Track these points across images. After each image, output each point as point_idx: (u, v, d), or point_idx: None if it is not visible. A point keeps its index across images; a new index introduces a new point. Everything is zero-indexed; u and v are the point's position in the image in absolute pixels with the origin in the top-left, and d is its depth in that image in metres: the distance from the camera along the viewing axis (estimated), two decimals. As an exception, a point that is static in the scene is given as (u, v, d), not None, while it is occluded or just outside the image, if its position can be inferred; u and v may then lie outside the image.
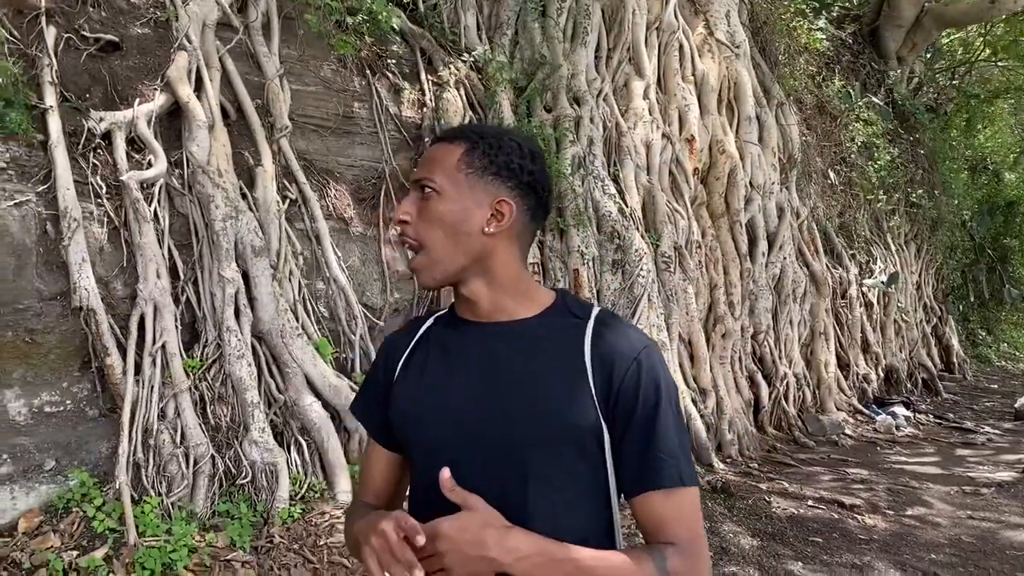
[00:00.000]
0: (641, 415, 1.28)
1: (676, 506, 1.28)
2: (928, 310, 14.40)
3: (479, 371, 1.36)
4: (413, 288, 5.97)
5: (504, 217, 1.35)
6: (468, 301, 1.40)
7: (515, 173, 1.36)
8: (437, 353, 1.43)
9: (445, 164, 1.35)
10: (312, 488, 4.62)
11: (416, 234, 1.36)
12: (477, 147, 1.36)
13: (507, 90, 6.87)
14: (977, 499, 6.76)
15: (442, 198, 1.33)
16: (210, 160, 4.65)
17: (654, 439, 1.28)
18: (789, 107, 10.00)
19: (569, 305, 1.40)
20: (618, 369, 1.29)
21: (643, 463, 1.28)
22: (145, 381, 4.20)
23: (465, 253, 1.34)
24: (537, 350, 1.34)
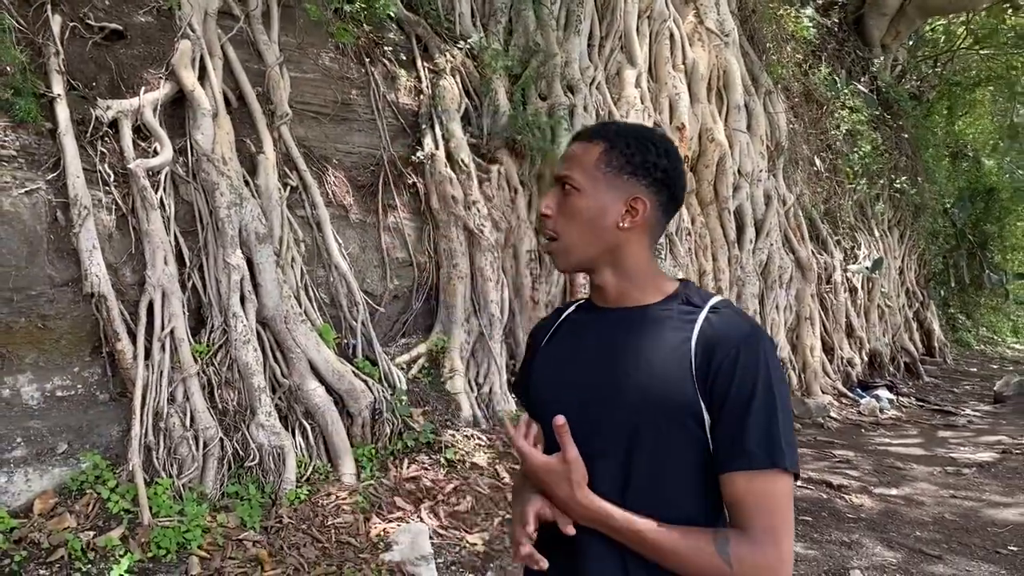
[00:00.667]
0: (735, 398, 1.31)
1: (758, 491, 1.29)
2: (910, 295, 14.64)
3: (598, 350, 1.47)
4: (412, 275, 6.07)
5: (638, 213, 1.44)
6: (598, 288, 1.51)
7: (650, 171, 1.44)
8: (569, 335, 1.57)
9: (585, 162, 1.45)
10: (317, 470, 4.72)
11: (556, 227, 1.47)
12: (616, 147, 1.44)
13: (502, 77, 6.95)
14: (959, 479, 6.97)
15: (581, 195, 1.43)
16: (214, 148, 4.71)
17: (746, 422, 1.30)
18: (777, 95, 10.13)
19: (689, 295, 1.46)
20: (718, 354, 1.34)
21: (732, 444, 1.31)
22: (155, 366, 4.28)
23: (599, 245, 1.45)
24: (650, 334, 1.42)
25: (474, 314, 6.17)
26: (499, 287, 6.28)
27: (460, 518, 4.65)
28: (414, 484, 4.87)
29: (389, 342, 5.90)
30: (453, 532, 4.49)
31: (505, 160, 6.68)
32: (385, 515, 4.52)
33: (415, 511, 4.61)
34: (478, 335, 6.16)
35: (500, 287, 6.30)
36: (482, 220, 6.15)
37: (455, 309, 6.05)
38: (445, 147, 6.29)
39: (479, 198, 6.22)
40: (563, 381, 1.50)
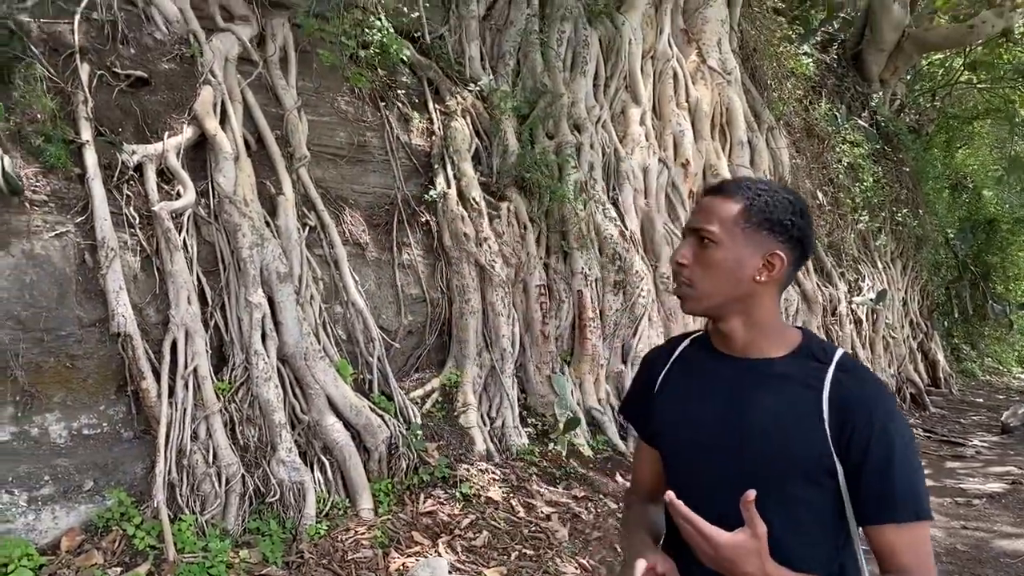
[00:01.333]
0: (875, 459, 1.43)
1: (908, 538, 1.44)
2: (914, 326, 14.72)
3: (730, 402, 1.56)
4: (426, 310, 6.18)
5: (775, 268, 1.52)
6: (724, 335, 1.60)
7: (787, 228, 1.52)
8: (693, 377, 1.66)
9: (724, 217, 1.52)
10: (336, 506, 4.79)
11: (691, 276, 1.55)
12: (754, 204, 1.52)
13: (511, 118, 7.11)
14: (970, 510, 7.00)
15: (719, 247, 1.52)
16: (236, 190, 4.84)
17: (889, 479, 1.43)
18: (779, 131, 10.31)
19: (813, 349, 1.56)
20: (852, 416, 1.45)
21: (880, 500, 1.44)
22: (178, 403, 4.37)
23: (733, 295, 1.53)
24: (781, 390, 1.51)
25: (486, 348, 6.26)
26: (510, 322, 6.38)
27: (477, 552, 4.71)
28: (431, 518, 4.93)
29: (403, 377, 5.98)
30: (471, 566, 4.54)
31: (515, 197, 6.82)
32: (404, 550, 4.58)
33: (432, 545, 4.66)
34: (490, 369, 6.24)
35: (511, 322, 6.40)
36: (493, 256, 6.27)
37: (467, 344, 6.14)
38: (457, 186, 6.42)
39: (490, 235, 6.34)
40: (688, 424, 1.60)
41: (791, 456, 1.47)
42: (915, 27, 14.24)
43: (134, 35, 5.00)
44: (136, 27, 5.05)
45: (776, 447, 1.48)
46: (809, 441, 1.46)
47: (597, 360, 6.99)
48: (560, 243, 7.11)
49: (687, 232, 1.60)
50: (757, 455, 1.49)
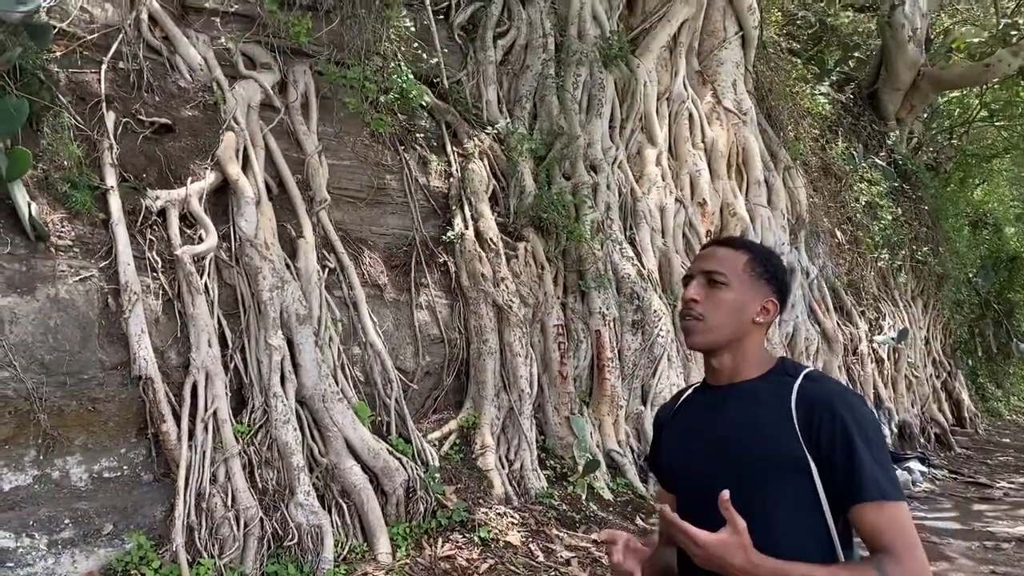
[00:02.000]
0: (839, 446, 1.59)
1: (887, 517, 1.56)
2: (937, 365, 14.54)
3: (715, 422, 1.77)
4: (443, 351, 6.18)
5: (769, 313, 1.78)
6: (714, 369, 1.81)
7: (779, 281, 1.80)
8: (690, 414, 1.88)
9: (735, 265, 1.77)
10: (353, 549, 4.75)
11: (703, 311, 1.75)
12: (758, 258, 1.79)
13: (528, 159, 7.18)
14: (999, 554, 6.84)
15: (730, 289, 1.75)
16: (257, 234, 4.91)
17: (854, 464, 1.57)
18: (796, 170, 10.32)
19: (786, 368, 1.77)
20: (816, 412, 1.62)
21: (849, 484, 1.58)
22: (198, 446, 4.39)
23: (734, 332, 1.76)
24: (755, 402, 1.72)
25: (504, 389, 6.25)
26: (528, 362, 6.37)
27: None
28: (449, 563, 4.88)
29: (421, 418, 5.98)
30: (490, 612, 4.49)
31: (532, 238, 6.86)
32: (422, 595, 4.53)
33: (451, 590, 4.62)
34: (508, 410, 6.22)
35: (529, 362, 6.39)
36: (511, 296, 6.29)
37: (485, 385, 6.13)
38: (474, 227, 6.47)
39: (507, 275, 6.37)
40: (690, 452, 1.80)
41: (766, 457, 1.64)
42: (931, 66, 14.29)
43: (159, 83, 5.12)
44: (161, 75, 5.17)
45: (752, 450, 1.66)
46: (781, 441, 1.63)
47: (616, 401, 6.95)
48: (578, 283, 7.12)
49: (697, 274, 1.81)
50: (735, 460, 1.68)
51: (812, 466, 1.61)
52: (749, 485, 1.63)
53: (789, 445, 1.63)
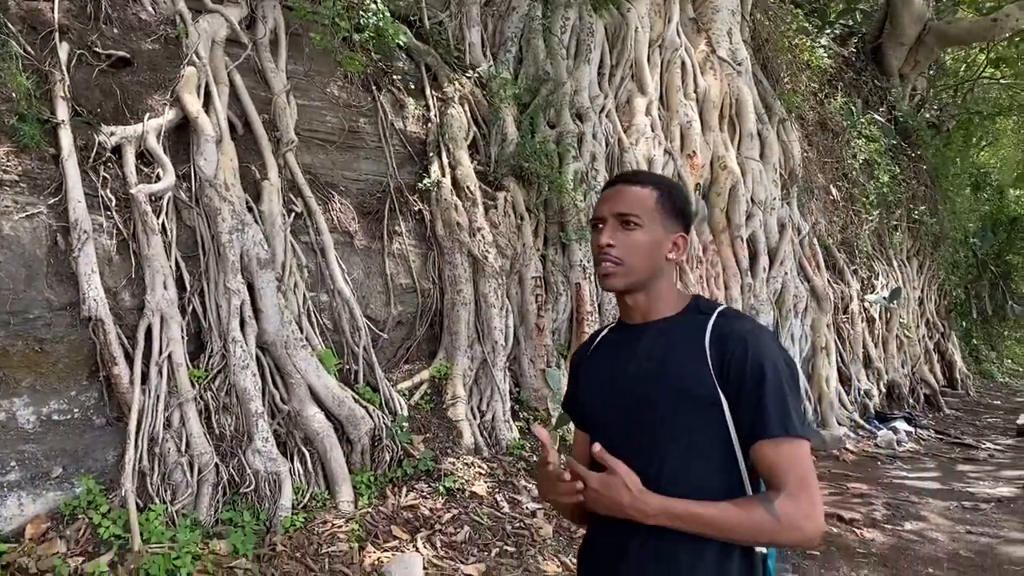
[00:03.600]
0: (749, 382, 1.58)
1: (785, 455, 1.56)
2: (931, 326, 14.43)
3: (630, 359, 1.75)
4: (416, 301, 6.05)
5: (680, 248, 1.77)
6: (629, 308, 1.80)
7: (687, 216, 1.80)
8: (605, 352, 1.87)
9: (645, 204, 1.74)
10: (315, 497, 4.68)
11: (619, 255, 1.73)
12: (666, 194, 1.76)
13: (511, 106, 6.97)
14: (976, 514, 6.79)
15: (644, 230, 1.73)
16: (217, 174, 4.74)
17: (761, 400, 1.57)
18: (791, 123, 10.08)
19: (700, 306, 1.76)
20: (728, 348, 1.62)
21: (753, 419, 1.58)
22: (151, 390, 4.28)
23: (649, 271, 1.74)
24: (669, 339, 1.72)
25: (478, 341, 6.13)
26: (503, 314, 6.24)
27: (457, 548, 4.59)
28: (412, 512, 4.81)
29: (392, 368, 5.87)
30: (448, 563, 4.42)
31: (512, 187, 6.68)
32: (380, 544, 4.46)
33: (411, 540, 4.55)
34: (481, 362, 6.11)
35: (504, 314, 6.27)
36: (487, 247, 6.13)
37: (459, 336, 6.02)
38: (452, 175, 6.30)
39: (484, 225, 6.21)
40: (605, 392, 1.78)
41: (678, 393, 1.64)
42: (937, 20, 13.93)
43: (117, 14, 4.91)
44: (120, 6, 4.97)
45: (664, 387, 1.65)
46: (694, 376, 1.63)
47: (594, 354, 6.82)
48: (558, 234, 6.96)
49: (608, 217, 1.76)
50: (645, 398, 1.67)
51: (723, 402, 1.61)
52: (661, 421, 1.65)
53: (701, 381, 1.62)
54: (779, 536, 1.55)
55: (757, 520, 1.53)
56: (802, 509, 1.53)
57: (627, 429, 1.69)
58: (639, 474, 1.61)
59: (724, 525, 1.55)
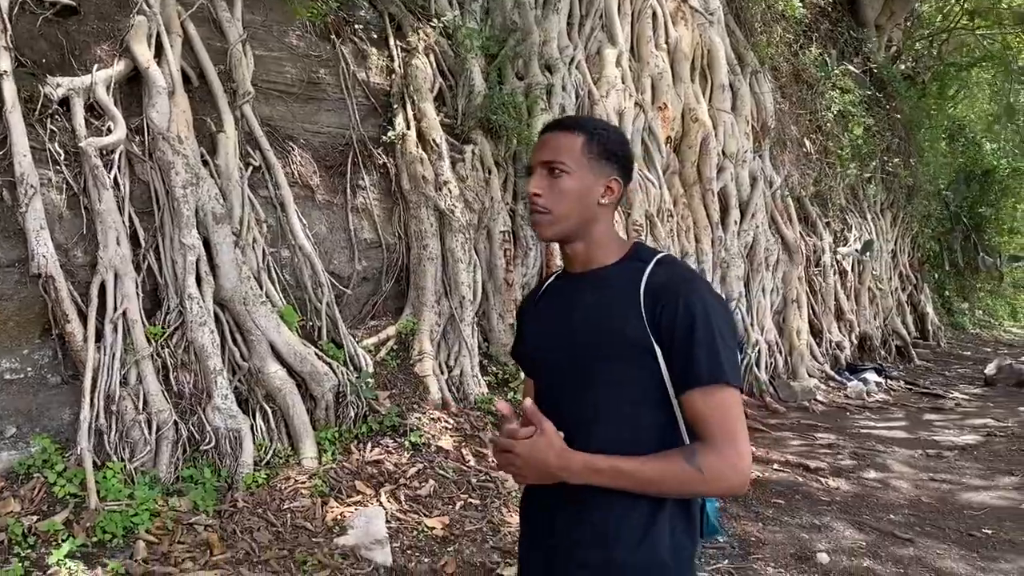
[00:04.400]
0: (680, 330, 1.56)
1: (712, 404, 1.54)
2: (903, 278, 14.52)
3: (570, 308, 1.74)
4: (382, 256, 5.99)
5: (614, 192, 1.72)
6: (569, 257, 1.77)
7: (620, 158, 1.73)
8: (549, 300, 1.85)
9: (572, 150, 1.69)
10: (277, 454, 4.65)
11: (547, 204, 1.69)
12: (594, 137, 1.70)
13: (478, 57, 6.84)
14: (939, 462, 6.90)
15: (571, 176, 1.68)
16: (170, 127, 4.62)
17: (692, 348, 1.54)
18: (764, 75, 10.00)
19: (640, 253, 1.73)
20: (663, 297, 1.59)
21: (684, 368, 1.56)
22: (107, 348, 4.21)
23: (581, 218, 1.70)
24: (607, 288, 1.69)
25: (445, 296, 6.08)
26: (471, 269, 6.20)
27: (421, 502, 4.59)
28: (376, 468, 4.80)
29: (358, 324, 5.82)
30: (412, 516, 4.43)
31: (479, 140, 6.58)
32: (344, 499, 4.46)
33: (375, 495, 4.54)
34: (449, 317, 6.07)
35: (472, 269, 6.22)
36: (453, 201, 6.05)
37: (425, 291, 5.96)
38: (417, 127, 6.19)
39: (451, 179, 6.12)
40: (546, 340, 1.77)
41: (611, 342, 1.62)
42: (913, -30, 13.79)
43: (62, -39, 4.72)
44: (65, -48, 4.77)
45: (598, 335, 1.64)
46: (628, 326, 1.60)
47: (563, 308, 6.81)
48: (525, 194, 6.88)
49: (536, 166, 1.73)
50: (582, 346, 1.66)
51: (657, 350, 1.59)
52: (596, 372, 1.64)
53: (635, 331, 1.60)
54: (704, 488, 1.55)
55: (680, 473, 1.52)
56: (727, 460, 1.51)
57: (565, 376, 1.69)
58: (575, 420, 1.62)
59: (647, 479, 1.54)
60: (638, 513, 1.60)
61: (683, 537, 1.64)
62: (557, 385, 1.69)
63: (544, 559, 1.72)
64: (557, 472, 1.56)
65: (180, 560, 3.67)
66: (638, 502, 1.58)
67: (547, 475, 1.57)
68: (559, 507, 1.66)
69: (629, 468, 1.54)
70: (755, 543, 4.72)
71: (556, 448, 1.55)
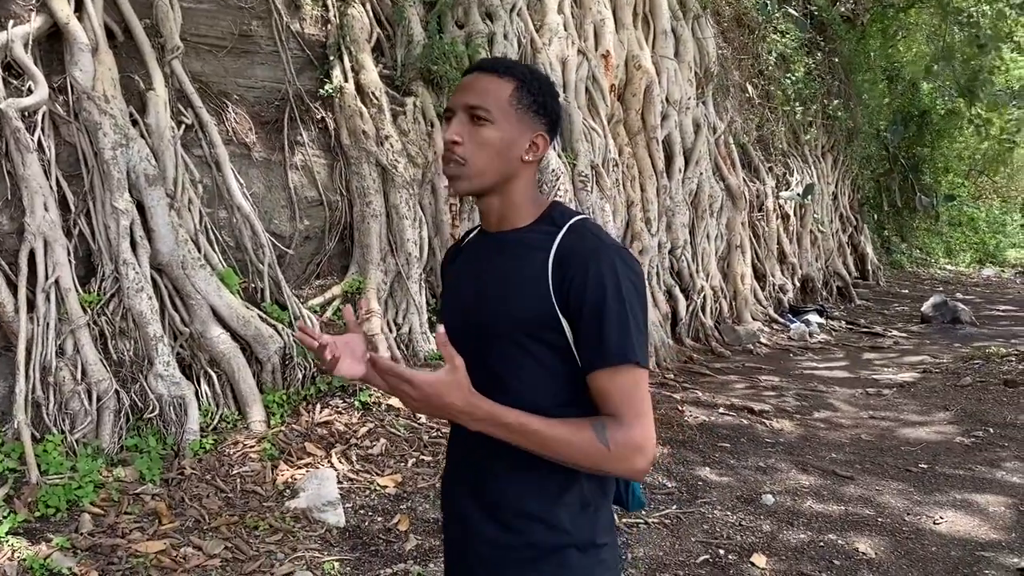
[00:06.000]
0: (589, 306, 1.45)
1: (620, 384, 1.45)
2: (844, 220, 14.81)
3: (478, 273, 1.62)
4: (324, 215, 5.88)
5: (539, 148, 1.57)
6: (483, 214, 1.64)
7: (548, 112, 1.58)
8: (464, 258, 1.72)
9: (499, 96, 1.54)
10: (224, 419, 4.60)
11: (465, 153, 1.53)
12: (525, 85, 1.55)
13: (416, 5, 6.68)
14: (879, 400, 7.12)
15: (495, 127, 1.52)
16: (95, 85, 4.43)
17: (601, 326, 1.44)
18: (706, 20, 9.96)
19: (554, 216, 1.58)
20: (571, 268, 1.47)
21: (591, 347, 1.46)
22: (40, 318, 4.07)
23: (501, 174, 1.55)
24: (515, 255, 1.56)
25: (391, 253, 6.01)
26: (416, 224, 6.12)
27: (373, 461, 4.59)
28: (326, 429, 4.78)
29: (302, 285, 5.73)
30: (364, 476, 4.42)
31: (421, 92, 6.45)
32: (294, 462, 4.43)
33: (326, 456, 4.53)
34: (396, 275, 6.01)
35: (417, 224, 6.14)
36: (396, 156, 5.95)
37: (370, 249, 5.88)
38: (355, 80, 6.04)
39: (392, 133, 6.01)
40: (457, 299, 1.67)
41: (515, 315, 1.52)
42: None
43: (-32, -91, 4.44)
44: (-30, -101, 4.48)
45: (502, 306, 1.54)
46: (534, 299, 1.50)
47: (510, 261, 6.79)
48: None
49: (458, 109, 1.56)
50: (486, 316, 1.55)
51: (565, 326, 1.49)
52: (495, 341, 1.53)
53: (541, 303, 1.49)
54: (606, 464, 1.45)
55: (587, 444, 1.43)
56: (634, 440, 1.44)
57: (469, 345, 1.52)
58: (475, 386, 1.46)
59: (552, 442, 1.43)
60: (555, 479, 1.51)
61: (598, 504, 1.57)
62: (463, 352, 1.46)
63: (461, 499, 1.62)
64: (457, 415, 1.41)
65: (128, 531, 3.61)
66: (554, 468, 1.48)
67: (444, 414, 1.43)
68: (474, 454, 1.57)
69: (536, 427, 1.43)
70: (702, 487, 4.83)
71: (464, 390, 1.39)
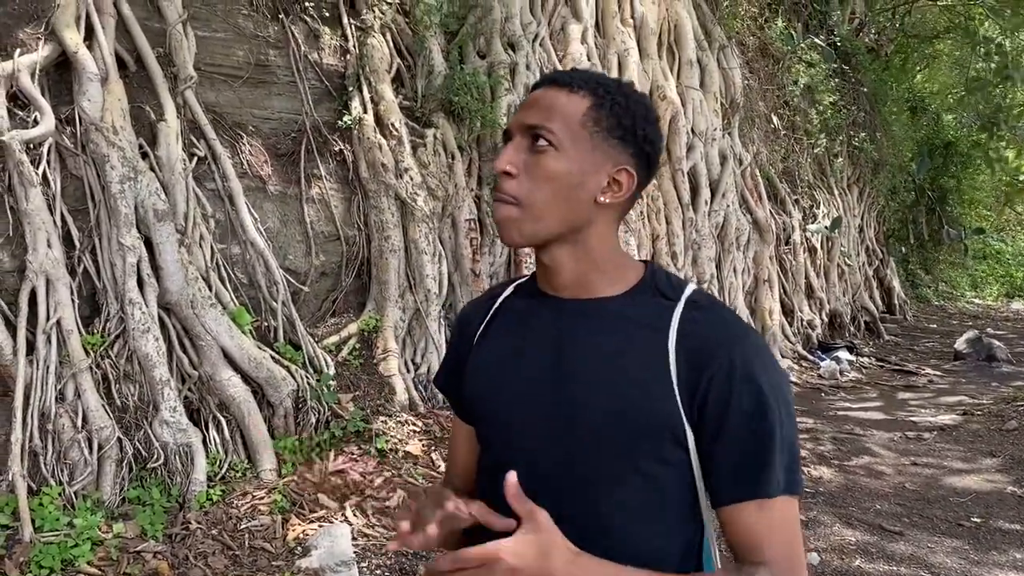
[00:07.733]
0: (735, 419, 1.10)
1: (771, 520, 1.11)
2: (870, 253, 14.47)
3: (554, 352, 1.19)
4: (341, 250, 5.65)
5: (622, 188, 1.18)
6: (549, 271, 1.23)
7: (639, 140, 1.18)
8: (513, 326, 1.29)
9: (568, 116, 1.15)
10: (233, 467, 4.34)
11: (519, 190, 1.15)
12: (605, 102, 1.16)
13: (437, 35, 6.50)
14: (920, 444, 6.77)
15: (560, 155, 1.15)
16: (104, 116, 4.23)
17: (751, 445, 1.10)
18: (731, 50, 9.75)
19: (659, 283, 1.21)
20: (708, 364, 1.10)
21: (737, 471, 1.11)
22: (40, 361, 3.85)
23: (567, 220, 1.16)
24: (619, 335, 1.17)
25: (409, 290, 5.77)
26: (436, 260, 5.88)
27: (389, 514, 4.30)
28: (340, 478, 4.50)
29: (317, 323, 5.49)
30: (380, 530, 4.14)
31: (441, 124, 6.25)
32: (306, 515, 4.15)
33: (340, 508, 4.25)
34: (414, 312, 5.77)
35: (437, 260, 5.91)
36: (415, 188, 5.73)
37: (388, 285, 5.64)
38: (374, 111, 5.84)
39: (412, 165, 5.79)
40: (507, 388, 1.24)
41: (634, 419, 1.12)
42: (876, -60, 13.62)
43: (-23, -65, 4.29)
44: (-20, -74, 4.34)
45: (615, 409, 1.13)
46: (651, 398, 1.12)
47: (533, 298, 6.53)
48: (493, 174, 6.57)
49: (516, 131, 1.19)
50: (594, 422, 1.14)
51: (690, 439, 1.12)
52: (591, 455, 1.14)
53: (663, 406, 1.11)
54: None
55: None
56: None
57: (544, 450, 1.17)
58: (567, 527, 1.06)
59: None
60: None
61: None
62: (527, 460, 1.14)
63: None
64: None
65: (126, 595, 3.35)
66: None
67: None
68: None
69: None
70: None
71: (562, 549, 1.01)
